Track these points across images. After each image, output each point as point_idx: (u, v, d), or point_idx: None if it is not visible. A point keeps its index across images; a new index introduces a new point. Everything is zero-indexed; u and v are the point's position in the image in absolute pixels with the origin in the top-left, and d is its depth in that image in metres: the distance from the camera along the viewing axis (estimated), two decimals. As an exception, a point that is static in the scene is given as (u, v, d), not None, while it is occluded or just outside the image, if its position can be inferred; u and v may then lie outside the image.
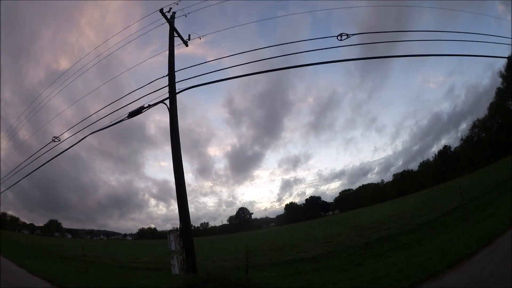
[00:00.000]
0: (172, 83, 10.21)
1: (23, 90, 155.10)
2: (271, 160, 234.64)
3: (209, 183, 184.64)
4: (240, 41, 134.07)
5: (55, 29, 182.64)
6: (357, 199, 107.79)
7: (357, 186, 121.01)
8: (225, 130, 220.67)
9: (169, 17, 11.42)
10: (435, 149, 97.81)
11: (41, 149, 11.65)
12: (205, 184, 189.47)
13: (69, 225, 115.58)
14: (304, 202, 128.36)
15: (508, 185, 18.02)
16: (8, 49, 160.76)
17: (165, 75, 10.39)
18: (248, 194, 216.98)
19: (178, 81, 10.32)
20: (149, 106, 9.51)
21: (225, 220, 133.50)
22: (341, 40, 9.04)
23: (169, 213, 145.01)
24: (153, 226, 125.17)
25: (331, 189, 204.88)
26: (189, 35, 12.11)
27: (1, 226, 73.43)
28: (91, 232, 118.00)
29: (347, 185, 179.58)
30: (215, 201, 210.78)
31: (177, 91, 10.11)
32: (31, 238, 48.19)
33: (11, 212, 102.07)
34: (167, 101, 9.89)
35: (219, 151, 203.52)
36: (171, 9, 11.65)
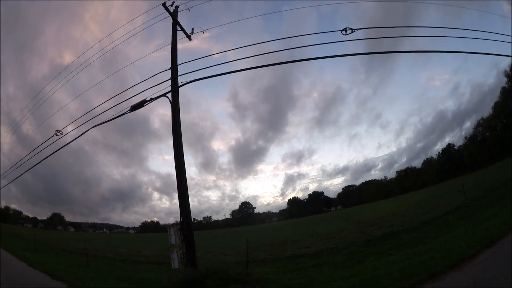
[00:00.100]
0: (174, 77, 10.15)
1: (27, 84, 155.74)
2: (275, 154, 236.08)
3: (213, 177, 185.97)
4: (245, 35, 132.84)
5: (59, 24, 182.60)
6: (360, 195, 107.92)
7: (360, 182, 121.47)
8: (230, 124, 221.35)
9: (172, 11, 11.35)
10: (439, 147, 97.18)
11: (43, 143, 11.66)
12: (209, 178, 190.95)
13: (72, 218, 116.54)
14: (307, 197, 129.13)
15: (511, 185, 17.83)
16: (12, 44, 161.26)
17: (168, 69, 10.32)
18: (251, 188, 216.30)
19: (181, 75, 10.26)
20: (151, 99, 9.46)
21: (228, 214, 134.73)
22: (345, 34, 8.93)
23: (172, 206, 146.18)
24: (156, 219, 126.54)
25: (334, 185, 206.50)
26: (192, 29, 12.08)
27: (4, 219, 74.12)
28: (94, 225, 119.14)
29: (350, 181, 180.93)
30: (219, 195, 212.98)
31: (179, 84, 10.05)
32: (34, 231, 48.43)
33: (14, 205, 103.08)
34: (169, 95, 9.84)
35: (223, 145, 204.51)
36: (174, 3, 11.58)
